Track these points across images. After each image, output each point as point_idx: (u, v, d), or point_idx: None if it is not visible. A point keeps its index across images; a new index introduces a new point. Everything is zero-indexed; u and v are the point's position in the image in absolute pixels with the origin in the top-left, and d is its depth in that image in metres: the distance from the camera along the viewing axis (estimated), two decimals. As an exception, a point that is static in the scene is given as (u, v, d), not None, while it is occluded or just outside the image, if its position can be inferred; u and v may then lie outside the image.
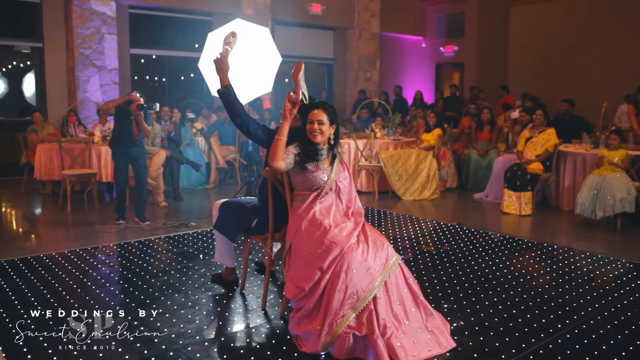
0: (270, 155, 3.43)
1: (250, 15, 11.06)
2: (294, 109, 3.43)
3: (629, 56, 12.69)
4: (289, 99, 3.42)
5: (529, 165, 7.22)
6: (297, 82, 3.45)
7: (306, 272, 3.20)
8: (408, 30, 16.04)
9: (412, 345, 3.13)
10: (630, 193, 6.28)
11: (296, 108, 3.43)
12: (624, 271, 4.95)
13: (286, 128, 3.40)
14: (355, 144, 8.62)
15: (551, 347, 3.38)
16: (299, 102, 3.42)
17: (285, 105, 3.42)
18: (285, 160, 3.43)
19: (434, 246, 5.70)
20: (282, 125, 3.41)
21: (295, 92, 3.44)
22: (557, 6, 14.18)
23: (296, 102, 3.42)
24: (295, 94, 3.44)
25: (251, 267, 4.79)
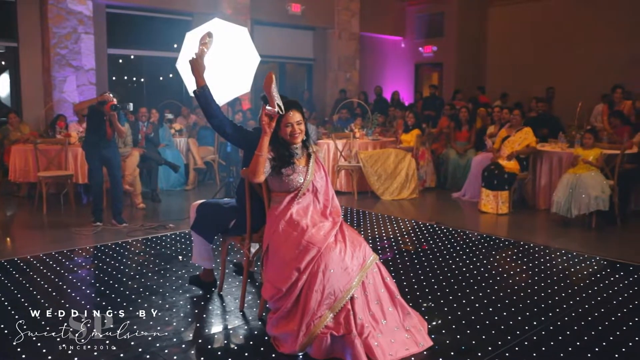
0: (250, 172, 3.40)
1: (230, 15, 11.00)
2: (273, 122, 3.38)
3: (605, 57, 12.87)
4: (265, 112, 3.35)
5: (505, 165, 7.29)
6: (271, 94, 3.37)
7: (283, 272, 3.20)
8: (388, 30, 16.09)
9: (390, 345, 3.14)
10: (604, 191, 6.37)
11: (274, 121, 3.38)
12: (598, 268, 5.02)
13: (266, 143, 3.36)
14: (334, 144, 8.63)
15: (527, 344, 3.42)
16: (276, 114, 3.38)
17: (263, 119, 3.34)
18: (265, 170, 3.42)
19: (413, 245, 5.73)
20: (262, 141, 3.35)
21: (271, 104, 3.38)
22: (534, 7, 14.34)
23: (273, 115, 3.38)
24: (271, 106, 3.38)
25: (229, 268, 4.77)
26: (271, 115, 3.35)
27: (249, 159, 3.61)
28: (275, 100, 3.35)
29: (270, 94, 3.37)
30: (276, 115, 3.36)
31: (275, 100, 3.35)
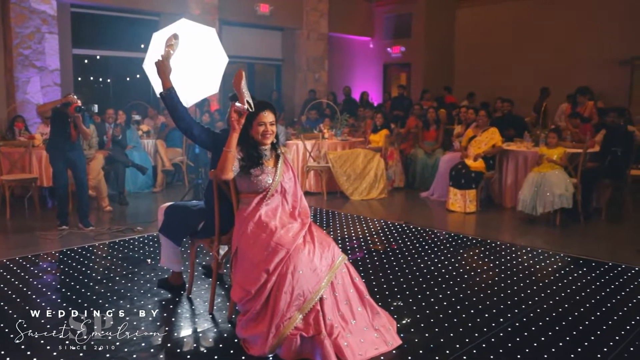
0: (219, 169, 3.39)
1: (197, 15, 10.92)
2: (242, 119, 3.38)
3: (570, 57, 13.16)
4: (234, 109, 3.34)
5: (472, 164, 7.40)
6: (241, 91, 3.38)
7: (252, 274, 3.20)
8: (356, 31, 16.16)
9: (359, 344, 3.16)
10: (568, 189, 6.52)
11: (243, 117, 3.38)
12: (562, 265, 5.14)
13: (235, 140, 3.36)
14: (303, 145, 8.64)
15: (493, 340, 3.48)
16: (245, 111, 3.38)
17: (232, 116, 3.34)
18: (233, 169, 3.41)
19: (382, 245, 5.78)
20: (231, 137, 3.35)
21: (240, 101, 3.38)
22: (501, 8, 14.57)
23: (243, 112, 3.38)
24: (241, 103, 3.38)
25: (198, 270, 4.74)
26: (240, 112, 3.35)
27: (217, 161, 3.60)
28: (244, 97, 3.36)
29: (240, 90, 3.38)
30: (245, 112, 3.37)
31: (245, 97, 3.36)
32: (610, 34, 12.62)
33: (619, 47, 12.55)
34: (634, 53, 12.59)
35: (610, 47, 12.66)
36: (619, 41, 12.51)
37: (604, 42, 12.73)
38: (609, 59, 12.71)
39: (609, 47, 12.67)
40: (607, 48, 12.70)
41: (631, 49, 12.48)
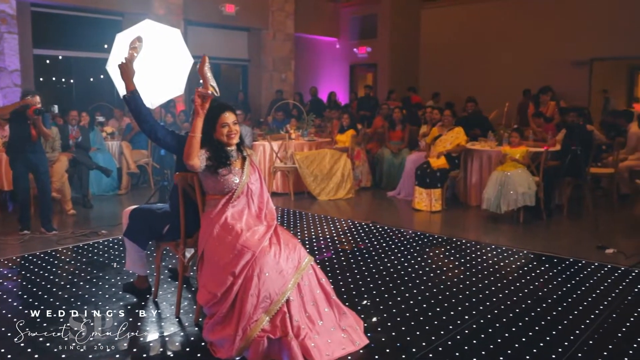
0: (185, 154, 3.37)
1: (162, 16, 10.81)
2: (206, 103, 3.39)
3: (532, 58, 13.44)
4: (198, 94, 3.37)
5: (434, 163, 7.49)
6: (205, 76, 3.43)
7: (218, 277, 3.19)
8: (322, 31, 16.21)
9: (327, 345, 3.18)
10: (530, 188, 6.65)
11: (207, 102, 3.39)
12: (526, 261, 5.24)
13: (200, 124, 3.36)
14: (270, 146, 8.62)
15: (459, 337, 3.54)
16: (210, 95, 3.39)
17: (196, 101, 3.37)
18: (200, 161, 3.40)
19: (349, 245, 5.81)
20: (196, 122, 3.36)
21: (204, 86, 3.41)
22: (464, 10, 14.81)
23: (207, 97, 3.38)
24: (205, 88, 3.40)
25: (164, 274, 4.70)
26: (204, 96, 3.36)
27: (182, 164, 3.57)
28: (208, 81, 3.38)
29: (203, 75, 3.41)
30: (210, 96, 3.37)
31: (209, 82, 3.38)
32: (569, 35, 12.94)
33: (578, 49, 12.87)
34: (592, 54, 12.94)
35: (569, 48, 12.97)
36: (577, 43, 12.83)
37: (563, 43, 13.04)
38: (568, 60, 13.03)
39: (569, 49, 12.98)
40: (567, 49, 13.01)
41: (589, 50, 12.82)
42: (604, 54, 12.90)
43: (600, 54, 12.90)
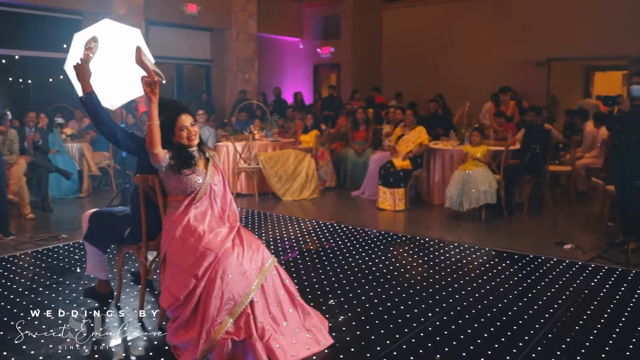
0: (147, 143, 3.35)
1: (123, 15, 10.63)
2: (156, 89, 3.40)
3: (492, 58, 13.67)
4: (145, 83, 3.40)
5: (397, 163, 7.56)
6: (145, 65, 3.45)
7: (181, 280, 3.16)
8: (285, 31, 16.19)
9: (291, 346, 3.18)
10: (492, 186, 6.78)
11: (157, 87, 3.41)
12: (488, 258, 5.34)
13: (155, 111, 3.37)
14: (233, 147, 8.57)
15: (422, 335, 3.58)
16: (156, 81, 3.42)
17: (145, 89, 3.39)
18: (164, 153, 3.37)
19: (314, 245, 5.82)
20: (151, 109, 3.37)
21: (148, 74, 3.41)
22: (426, 10, 14.98)
23: (153, 82, 3.41)
24: (149, 76, 3.40)
25: (127, 277, 4.63)
26: (151, 83, 3.38)
27: (142, 166, 3.53)
28: (150, 68, 3.39)
29: (143, 65, 3.43)
30: (156, 81, 3.39)
31: (151, 69, 3.39)
32: (528, 36, 13.22)
33: (536, 49, 13.15)
34: (549, 55, 13.25)
35: (528, 49, 13.25)
36: (536, 44, 13.11)
37: (522, 44, 13.31)
38: (527, 61, 13.32)
39: (528, 49, 13.27)
40: (526, 50, 13.29)
41: (547, 51, 13.12)
42: (561, 55, 13.23)
43: (557, 54, 13.22)
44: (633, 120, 5.23)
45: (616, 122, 5.48)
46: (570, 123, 9.83)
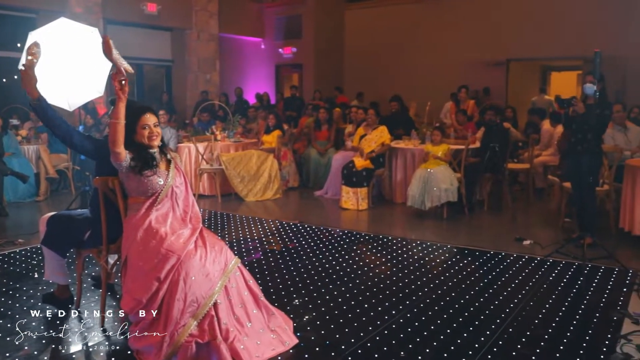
0: (110, 141, 3.27)
1: (80, 14, 10.42)
2: (125, 87, 3.31)
3: (452, 58, 13.88)
4: (114, 79, 3.31)
5: (359, 163, 7.61)
6: (115, 60, 3.34)
7: (143, 283, 3.11)
8: (247, 31, 16.11)
9: (256, 347, 3.17)
10: (453, 184, 6.88)
11: (126, 84, 3.32)
12: (449, 255, 5.42)
13: (122, 110, 3.27)
14: (195, 148, 8.49)
15: (386, 332, 3.62)
16: (126, 78, 3.33)
17: (115, 85, 3.29)
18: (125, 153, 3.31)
19: (278, 245, 5.81)
20: (117, 107, 3.27)
21: (118, 70, 3.33)
22: (387, 11, 15.11)
23: (124, 79, 3.32)
24: (118, 72, 3.32)
25: (87, 282, 4.54)
26: (121, 80, 3.29)
27: (102, 168, 3.47)
28: (121, 64, 3.31)
29: (113, 59, 3.35)
30: (126, 79, 3.32)
31: (122, 64, 3.31)
32: (488, 37, 13.47)
33: (495, 50, 13.41)
34: (508, 55, 13.53)
35: (488, 49, 13.51)
36: (495, 44, 13.37)
37: (482, 44, 13.56)
38: (487, 61, 13.57)
39: (487, 50, 13.52)
40: (485, 50, 13.54)
41: (506, 51, 13.40)
42: (519, 55, 13.53)
43: (515, 55, 13.51)
44: (588, 120, 5.37)
45: (572, 122, 5.62)
46: (532, 122, 10.05)
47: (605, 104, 5.58)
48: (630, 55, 11.54)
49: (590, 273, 4.80)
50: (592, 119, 5.34)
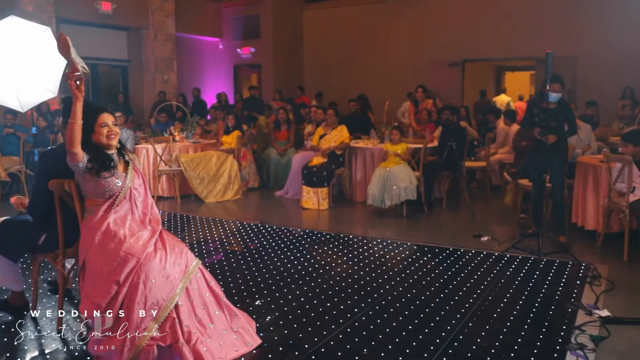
0: (67, 141, 3.20)
1: (30, 12, 10.15)
2: (82, 86, 3.23)
3: (410, 58, 14.04)
4: (74, 78, 3.22)
5: (314, 162, 7.66)
6: (71, 58, 3.27)
7: (102, 287, 3.04)
8: (205, 31, 15.95)
9: (219, 348, 3.15)
10: (412, 182, 6.97)
11: (82, 83, 3.24)
12: (410, 253, 5.48)
13: (79, 109, 3.18)
14: (153, 149, 8.37)
15: (349, 330, 3.64)
16: (82, 76, 3.26)
17: (71, 85, 3.21)
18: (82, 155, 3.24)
19: (239, 246, 5.78)
20: (75, 107, 3.18)
21: (74, 68, 3.25)
22: (345, 11, 15.20)
23: (80, 78, 3.24)
24: (74, 70, 3.25)
25: (43, 287, 4.42)
26: (78, 78, 3.23)
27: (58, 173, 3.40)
28: (78, 63, 3.25)
29: (69, 57, 3.28)
30: (83, 77, 3.26)
31: (79, 63, 3.25)
32: (444, 38, 13.69)
33: (451, 50, 13.64)
34: (464, 56, 13.78)
35: (444, 50, 13.73)
36: (451, 45, 13.60)
37: (439, 45, 13.77)
38: (443, 61, 13.79)
39: (444, 50, 13.74)
40: (442, 51, 13.76)
41: (461, 52, 13.64)
42: (474, 56, 13.80)
43: (471, 55, 13.77)
44: (550, 122, 5.52)
45: (534, 124, 5.73)
46: (484, 121, 10.27)
47: (567, 108, 5.79)
48: (579, 54, 11.91)
49: (546, 267, 4.93)
50: (557, 122, 5.55)
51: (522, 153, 7.27)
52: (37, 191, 3.65)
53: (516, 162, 7.45)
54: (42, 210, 3.65)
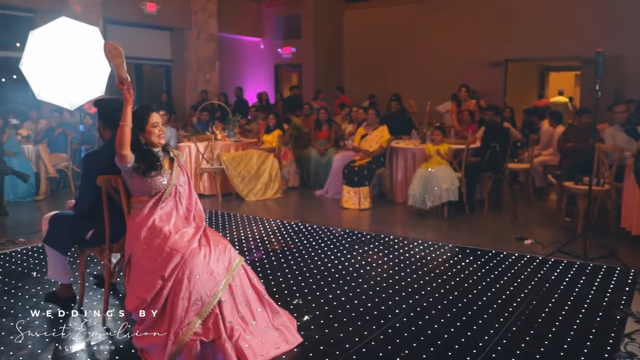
0: (117, 144, 3.28)
1: (79, 13, 10.40)
2: (131, 90, 3.32)
3: (451, 58, 13.89)
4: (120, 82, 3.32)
5: (357, 162, 7.63)
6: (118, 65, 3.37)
7: (147, 281, 3.10)
8: (246, 31, 16.10)
9: (261, 345, 3.17)
10: (453, 183, 6.89)
11: (131, 87, 3.34)
12: (451, 255, 5.41)
13: (129, 112, 3.28)
14: (195, 147, 8.48)
15: (390, 331, 3.61)
16: (130, 83, 3.36)
17: (122, 89, 3.30)
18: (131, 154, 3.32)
19: (279, 245, 5.80)
20: (126, 110, 3.27)
21: (120, 73, 3.35)
22: (387, 12, 15.11)
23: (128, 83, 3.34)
24: (121, 76, 3.34)
25: (89, 281, 4.53)
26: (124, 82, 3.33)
27: (107, 169, 3.47)
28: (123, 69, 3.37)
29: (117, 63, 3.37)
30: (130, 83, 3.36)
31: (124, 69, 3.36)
32: (486, 37, 13.49)
33: (493, 50, 13.43)
34: (506, 56, 13.55)
35: (486, 50, 13.52)
36: (493, 45, 13.39)
37: (480, 45, 13.57)
38: (485, 61, 13.59)
39: (485, 50, 13.53)
40: (484, 51, 13.56)
41: (504, 51, 13.42)
42: (517, 56, 13.55)
43: (513, 55, 13.53)
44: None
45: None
46: (528, 122, 10.07)
47: None
48: (625, 54, 11.58)
49: (592, 272, 4.80)
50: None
51: (568, 154, 7.12)
52: (82, 192, 3.76)
53: (561, 163, 7.28)
54: (86, 210, 3.74)
